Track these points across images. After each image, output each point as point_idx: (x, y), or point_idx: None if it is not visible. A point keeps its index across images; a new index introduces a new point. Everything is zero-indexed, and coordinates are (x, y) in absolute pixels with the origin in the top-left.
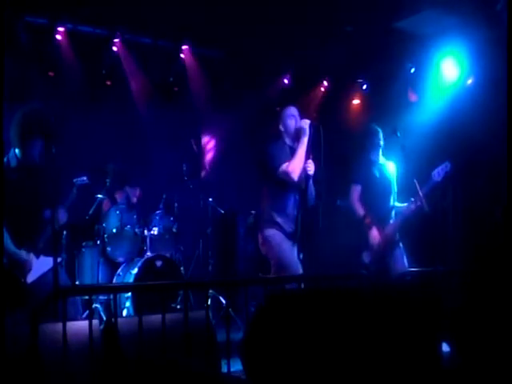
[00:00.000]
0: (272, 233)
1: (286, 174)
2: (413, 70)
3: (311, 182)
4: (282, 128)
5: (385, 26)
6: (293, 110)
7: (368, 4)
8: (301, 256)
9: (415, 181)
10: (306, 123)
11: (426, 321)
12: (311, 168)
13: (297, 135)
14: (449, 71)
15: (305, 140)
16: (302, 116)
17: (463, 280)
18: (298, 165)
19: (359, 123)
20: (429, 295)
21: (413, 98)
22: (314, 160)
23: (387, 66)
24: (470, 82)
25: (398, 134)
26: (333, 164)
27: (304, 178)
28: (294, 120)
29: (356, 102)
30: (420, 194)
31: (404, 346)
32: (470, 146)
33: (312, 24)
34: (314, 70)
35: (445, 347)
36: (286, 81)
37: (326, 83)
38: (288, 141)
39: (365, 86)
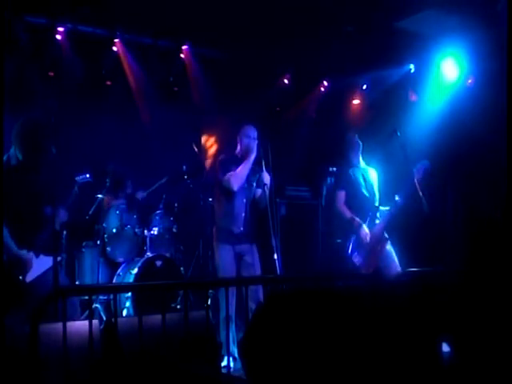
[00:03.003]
0: (218, 251)
1: (228, 182)
2: (413, 70)
3: (265, 188)
4: (238, 140)
5: (385, 26)
6: (249, 131)
7: (368, 4)
8: (275, 256)
9: (415, 181)
10: (254, 143)
11: (425, 321)
12: (266, 178)
13: (246, 152)
14: (449, 71)
15: (251, 158)
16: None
17: (463, 280)
18: (239, 177)
19: (359, 123)
20: (428, 295)
21: (413, 97)
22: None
23: (387, 65)
24: (470, 82)
25: (398, 134)
26: (332, 164)
27: (256, 182)
28: (247, 139)
29: (356, 101)
30: (420, 193)
31: (404, 345)
32: (469, 145)
33: (312, 24)
34: (314, 70)
35: (445, 347)
36: (286, 81)
37: (325, 83)
38: (239, 154)
39: (365, 86)
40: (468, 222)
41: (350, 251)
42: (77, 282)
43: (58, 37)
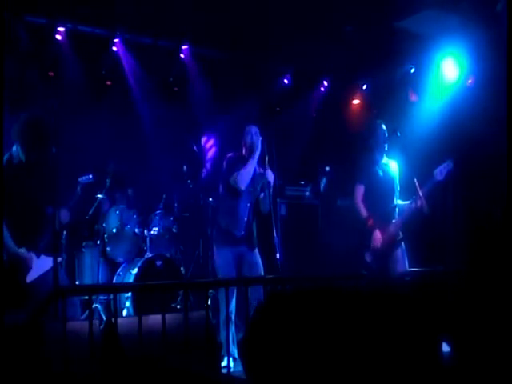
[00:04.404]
0: (218, 253)
1: (235, 181)
2: (413, 70)
3: (269, 190)
4: (242, 141)
5: (385, 26)
6: (252, 129)
7: (368, 4)
8: (277, 256)
9: (415, 181)
10: (258, 140)
11: (426, 321)
12: (270, 176)
13: (251, 150)
14: (449, 71)
15: (256, 154)
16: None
17: (463, 280)
18: (245, 175)
19: (359, 123)
20: (429, 295)
21: (413, 97)
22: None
23: (387, 65)
24: (470, 82)
25: (398, 134)
26: (333, 164)
27: (261, 186)
28: (251, 137)
29: (356, 101)
30: (420, 194)
31: (404, 346)
32: (469, 146)
33: (312, 24)
34: (314, 70)
35: (445, 347)
36: (286, 81)
37: (326, 83)
38: (245, 153)
39: (365, 86)
40: (468, 222)
41: (361, 250)
42: (77, 282)
43: (58, 37)
